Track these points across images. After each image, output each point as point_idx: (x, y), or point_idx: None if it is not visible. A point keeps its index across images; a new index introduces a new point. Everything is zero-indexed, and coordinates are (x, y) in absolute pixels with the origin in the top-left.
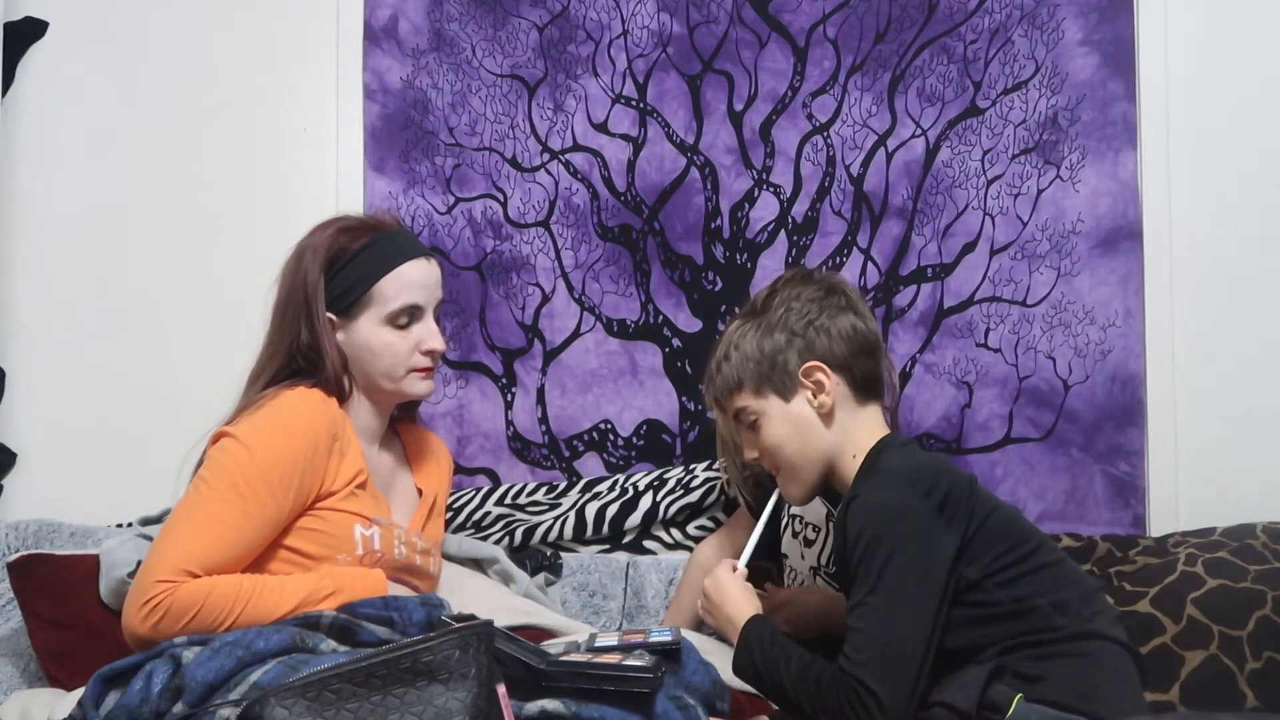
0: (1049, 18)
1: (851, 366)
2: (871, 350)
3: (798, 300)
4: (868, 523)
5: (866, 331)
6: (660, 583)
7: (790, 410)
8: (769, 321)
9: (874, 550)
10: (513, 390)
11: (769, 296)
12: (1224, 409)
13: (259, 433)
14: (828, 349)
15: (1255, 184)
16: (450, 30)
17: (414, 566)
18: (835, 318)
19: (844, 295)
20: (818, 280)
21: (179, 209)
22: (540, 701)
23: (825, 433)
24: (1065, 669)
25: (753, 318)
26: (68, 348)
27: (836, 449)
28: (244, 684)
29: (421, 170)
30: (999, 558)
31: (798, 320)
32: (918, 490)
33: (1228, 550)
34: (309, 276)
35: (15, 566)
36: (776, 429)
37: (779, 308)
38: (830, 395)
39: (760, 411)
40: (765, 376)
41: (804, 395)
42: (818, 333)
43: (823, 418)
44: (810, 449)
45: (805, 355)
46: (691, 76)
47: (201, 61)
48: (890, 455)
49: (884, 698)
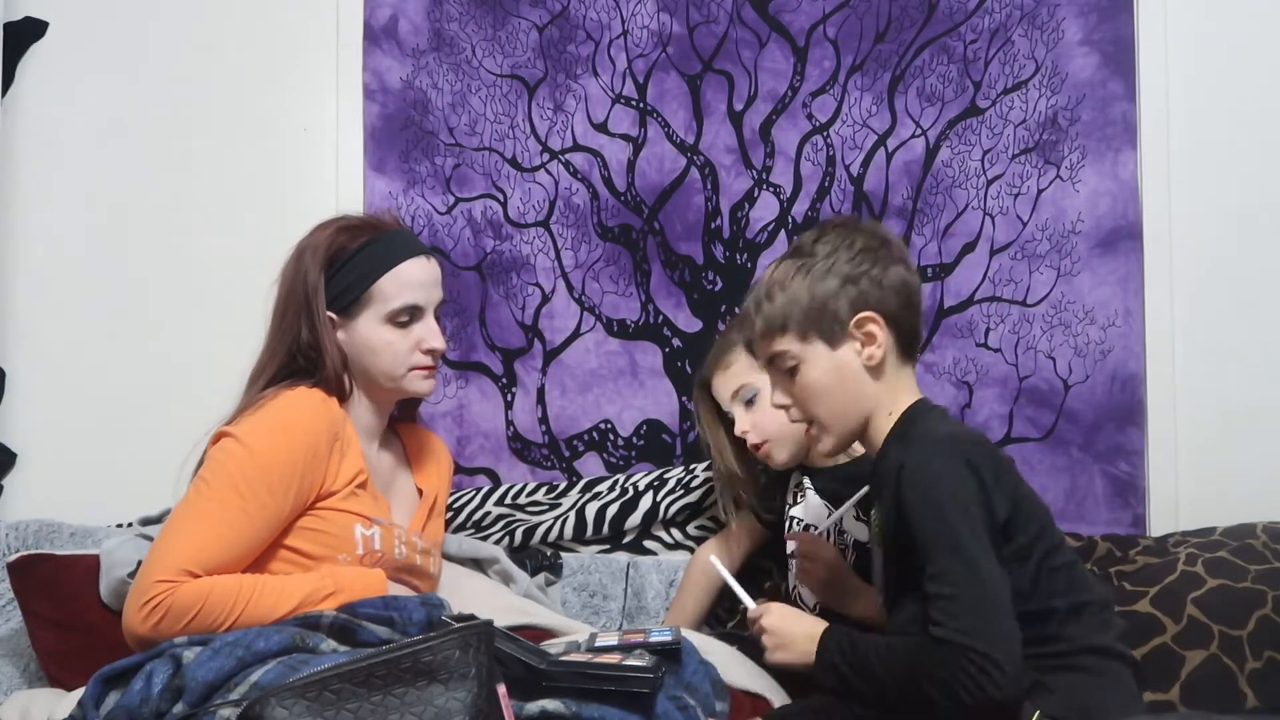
0: (1049, 18)
1: (900, 321)
2: (916, 307)
3: (850, 248)
4: (929, 487)
5: (914, 286)
6: (661, 583)
7: (837, 359)
8: (819, 265)
9: (941, 514)
10: (513, 390)
11: (818, 239)
12: (1224, 409)
13: (259, 432)
14: (880, 300)
15: (1255, 184)
16: (450, 30)
17: (414, 566)
18: (888, 269)
19: (895, 246)
20: (869, 229)
21: (179, 209)
22: (540, 701)
23: (870, 386)
24: (1071, 682)
25: (800, 259)
26: (68, 348)
27: (876, 405)
28: (244, 684)
29: (421, 170)
30: (1030, 544)
31: (852, 268)
32: (970, 456)
33: (1228, 550)
34: (309, 276)
35: (15, 566)
36: (819, 377)
37: (830, 254)
38: (880, 348)
39: (802, 357)
40: (813, 321)
41: (852, 346)
42: (872, 283)
43: (869, 370)
44: (852, 401)
45: (858, 305)
46: (691, 76)
47: (201, 61)
48: (929, 420)
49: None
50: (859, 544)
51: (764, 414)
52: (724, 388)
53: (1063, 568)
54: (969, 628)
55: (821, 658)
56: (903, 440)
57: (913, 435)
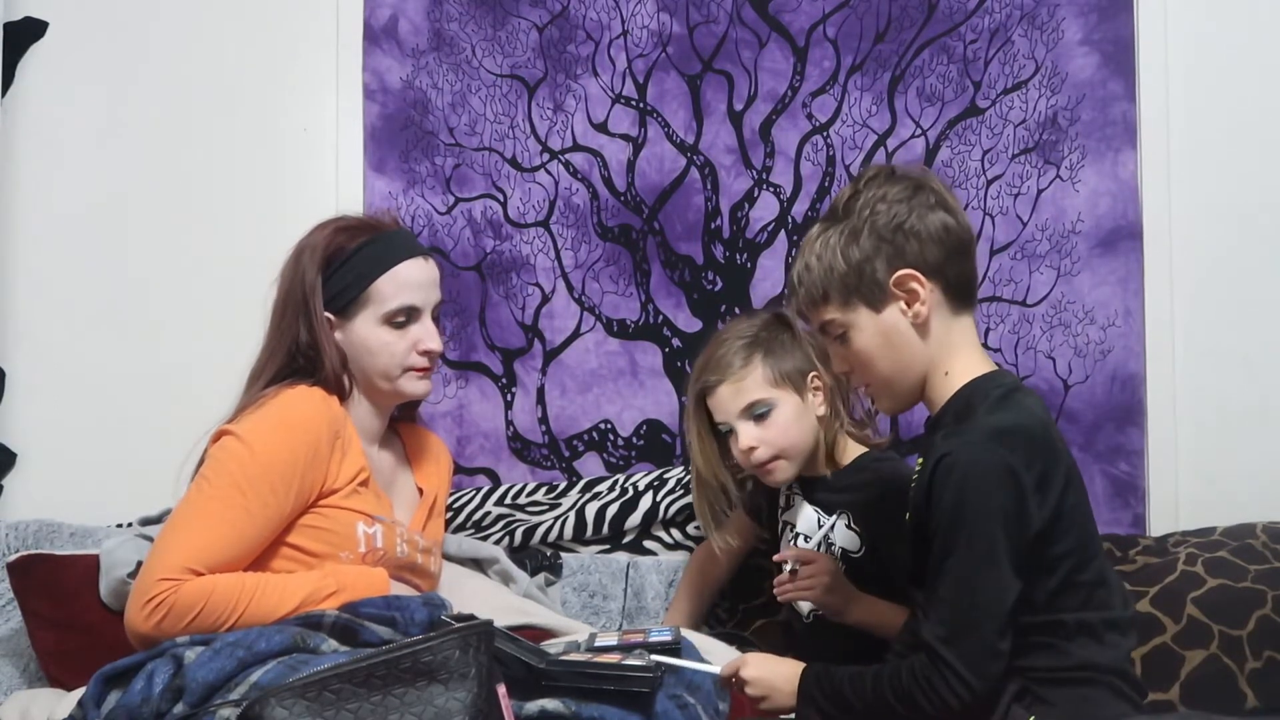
0: (1049, 18)
1: (945, 271)
2: (965, 250)
3: (883, 201)
4: (960, 485)
5: (959, 230)
6: (660, 584)
7: (882, 322)
8: (853, 226)
9: (963, 516)
10: (513, 390)
11: (851, 198)
12: (1224, 409)
13: (260, 431)
14: (919, 254)
15: (1255, 184)
16: (450, 30)
17: (416, 565)
18: (925, 217)
19: (932, 191)
20: (903, 176)
21: (179, 209)
22: (540, 701)
23: (920, 345)
24: (1069, 695)
25: (835, 223)
26: (68, 348)
27: (931, 362)
28: (244, 684)
29: (421, 170)
30: (1062, 556)
31: (885, 223)
32: (1016, 458)
33: (1228, 550)
34: (307, 276)
35: (15, 566)
36: (868, 342)
37: (863, 210)
38: (925, 304)
39: (849, 324)
40: (853, 287)
41: (896, 306)
42: (907, 237)
43: (917, 329)
44: (904, 362)
45: (895, 263)
46: (691, 76)
47: (201, 62)
48: (988, 402)
49: (967, 675)
50: (847, 554)
51: (776, 429)
52: (733, 402)
53: (1086, 584)
54: (947, 635)
55: (802, 697)
56: (959, 420)
57: (964, 419)
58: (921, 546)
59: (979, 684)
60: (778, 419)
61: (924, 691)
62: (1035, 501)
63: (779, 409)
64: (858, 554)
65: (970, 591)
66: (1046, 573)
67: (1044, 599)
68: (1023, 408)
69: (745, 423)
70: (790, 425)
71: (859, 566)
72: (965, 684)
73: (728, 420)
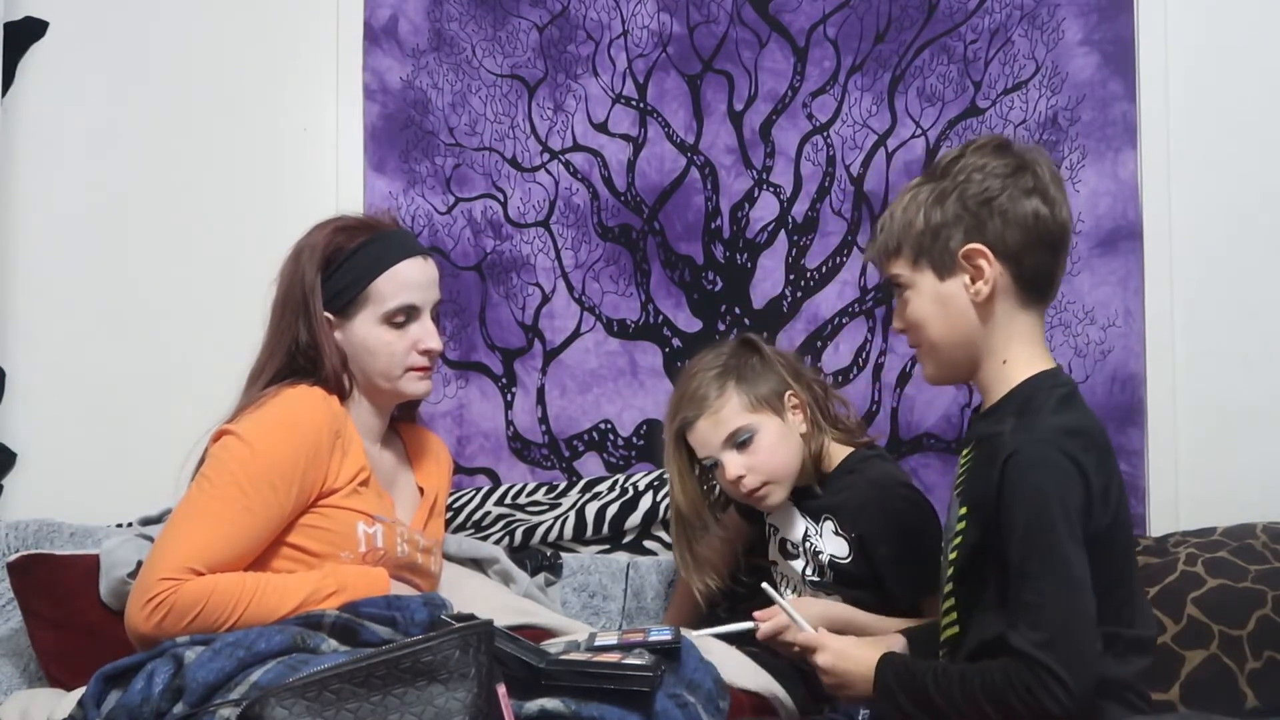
0: (1049, 18)
1: (1021, 259)
2: (1052, 244)
3: (980, 171)
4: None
5: (1050, 222)
6: (660, 584)
7: (942, 290)
8: (944, 188)
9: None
10: (513, 390)
11: (953, 160)
12: (1224, 409)
13: (260, 430)
14: (999, 234)
15: (1255, 184)
16: (450, 30)
17: (416, 564)
18: (1017, 200)
19: (1034, 175)
20: (1010, 153)
21: (179, 209)
22: (540, 700)
23: (975, 324)
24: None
25: (930, 180)
26: (68, 348)
27: (985, 346)
28: (244, 684)
29: (421, 170)
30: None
31: (974, 194)
32: (1088, 460)
33: (1228, 550)
34: (306, 276)
35: (15, 566)
36: (924, 306)
37: (958, 174)
38: (989, 284)
39: (911, 283)
40: (925, 248)
41: (961, 279)
42: (992, 213)
43: (976, 307)
44: (955, 336)
45: (972, 236)
46: (691, 76)
47: (201, 61)
48: (1051, 400)
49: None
50: (835, 561)
51: (762, 454)
52: (713, 435)
53: (1120, 598)
54: (1047, 641)
55: (880, 690)
56: (1021, 416)
57: (1030, 415)
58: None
59: (1080, 691)
60: (762, 443)
61: (1020, 698)
62: (1100, 506)
63: (761, 433)
64: (846, 560)
65: (1065, 597)
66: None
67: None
68: (1086, 411)
69: (729, 453)
70: (776, 448)
71: (846, 573)
72: (1068, 691)
73: (711, 454)
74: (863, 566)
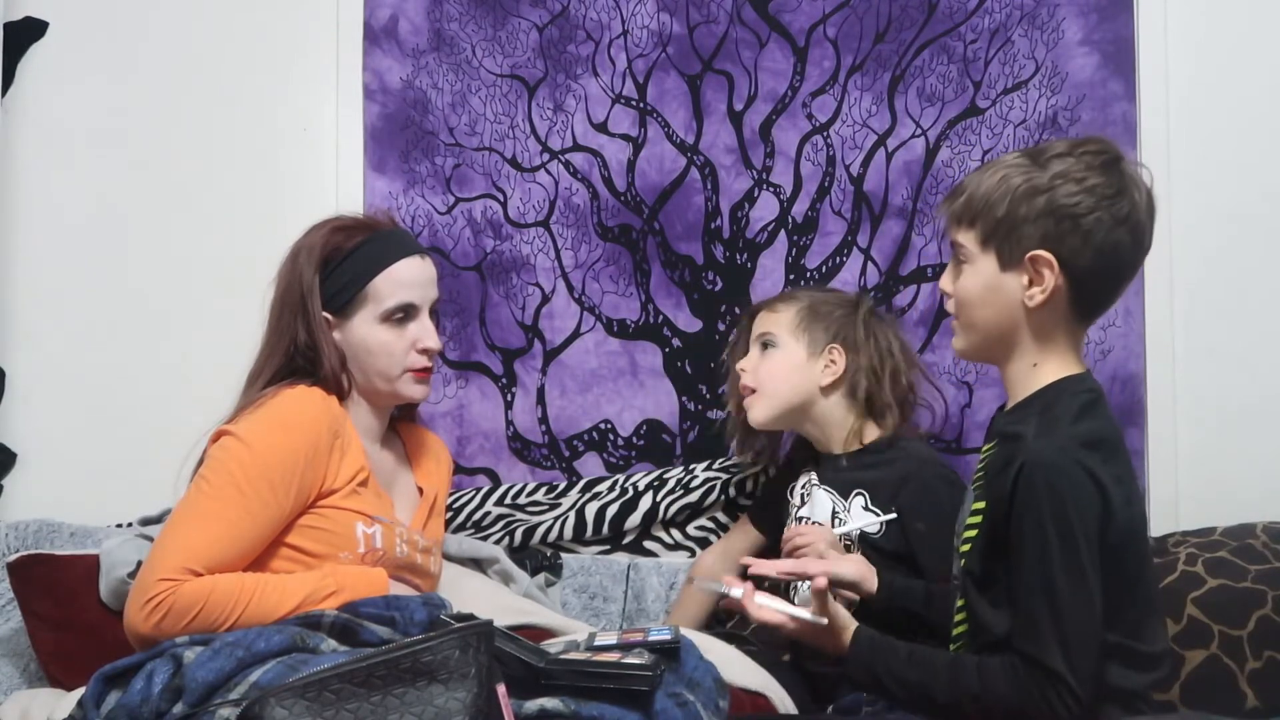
0: (1049, 18)
1: (1086, 281)
2: (1119, 276)
3: (1079, 184)
4: (1053, 496)
5: (1127, 255)
6: (661, 586)
7: (999, 280)
8: (1037, 184)
9: (1055, 524)
10: (513, 390)
11: (1059, 155)
12: (1224, 409)
13: (260, 430)
14: (1074, 251)
15: (1255, 184)
16: (450, 30)
17: (415, 565)
18: (1105, 226)
19: (1131, 204)
20: (1116, 172)
21: (179, 209)
22: (540, 700)
23: (1019, 322)
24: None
25: (1028, 167)
26: (68, 348)
27: (1021, 345)
28: (244, 684)
29: (421, 170)
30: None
31: (1064, 203)
32: (1106, 471)
33: (1228, 550)
34: (304, 276)
35: (15, 566)
36: (976, 286)
37: (1057, 175)
38: (1045, 293)
39: (972, 259)
40: (997, 234)
41: (1021, 277)
42: (1075, 229)
43: (1026, 308)
44: (996, 327)
45: (1047, 243)
46: (691, 76)
47: (201, 61)
48: (1075, 406)
49: (1079, 690)
50: (866, 535)
51: (768, 366)
52: (760, 325)
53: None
54: (1055, 650)
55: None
56: (1042, 418)
57: (1050, 420)
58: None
59: (1088, 698)
60: (776, 357)
61: (1028, 700)
62: (1120, 516)
63: (780, 350)
64: (877, 534)
65: (1075, 607)
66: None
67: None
68: (1108, 418)
69: (755, 348)
70: (784, 372)
71: (878, 548)
72: (1077, 698)
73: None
74: (895, 541)
